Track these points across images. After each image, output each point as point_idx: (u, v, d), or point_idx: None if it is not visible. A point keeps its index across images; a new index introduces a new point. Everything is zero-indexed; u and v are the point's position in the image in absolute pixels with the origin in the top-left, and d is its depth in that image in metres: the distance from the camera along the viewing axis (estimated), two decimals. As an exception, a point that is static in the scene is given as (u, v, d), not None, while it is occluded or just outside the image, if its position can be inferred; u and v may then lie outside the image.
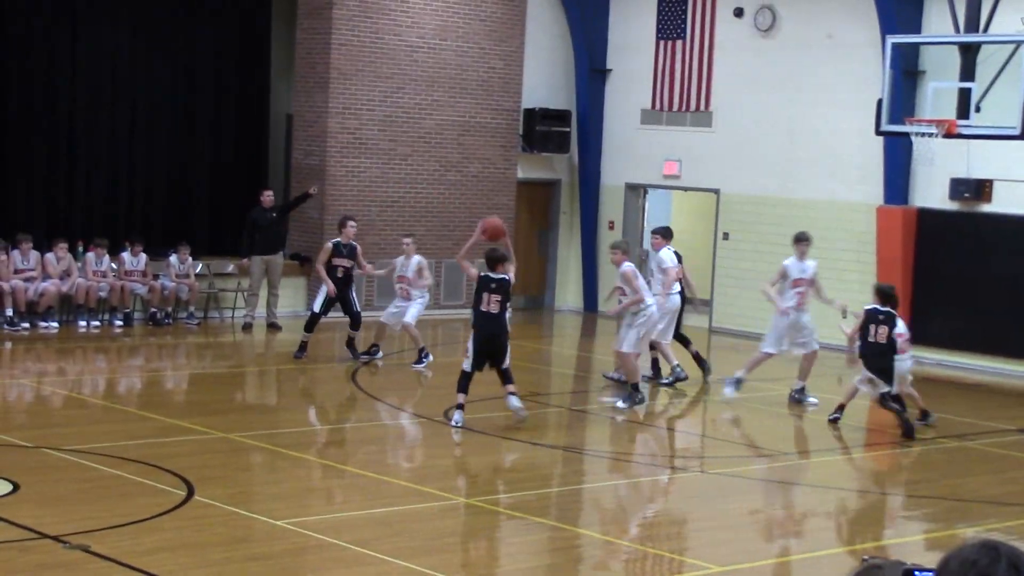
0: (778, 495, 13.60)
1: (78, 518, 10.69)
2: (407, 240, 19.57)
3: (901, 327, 16.07)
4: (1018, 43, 17.03)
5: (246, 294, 22.67)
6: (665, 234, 18.82)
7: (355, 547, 10.33)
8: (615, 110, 26.31)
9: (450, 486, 12.64)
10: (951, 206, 21.82)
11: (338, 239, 19.53)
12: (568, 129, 26.28)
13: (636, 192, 26.55)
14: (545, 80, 26.26)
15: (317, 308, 19.42)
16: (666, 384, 18.51)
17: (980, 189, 21.35)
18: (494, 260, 15.14)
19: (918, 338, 21.37)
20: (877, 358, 15.72)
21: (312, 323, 19.57)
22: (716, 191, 24.94)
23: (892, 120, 18.35)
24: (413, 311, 19.13)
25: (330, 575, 9.90)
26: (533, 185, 26.50)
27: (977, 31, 18.67)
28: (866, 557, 2.88)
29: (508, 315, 15.20)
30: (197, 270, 22.69)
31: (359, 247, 19.78)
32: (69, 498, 11.44)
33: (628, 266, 16.51)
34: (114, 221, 23.19)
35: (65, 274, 21.32)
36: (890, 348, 15.67)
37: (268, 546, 10.39)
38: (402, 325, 19.13)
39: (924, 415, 16.53)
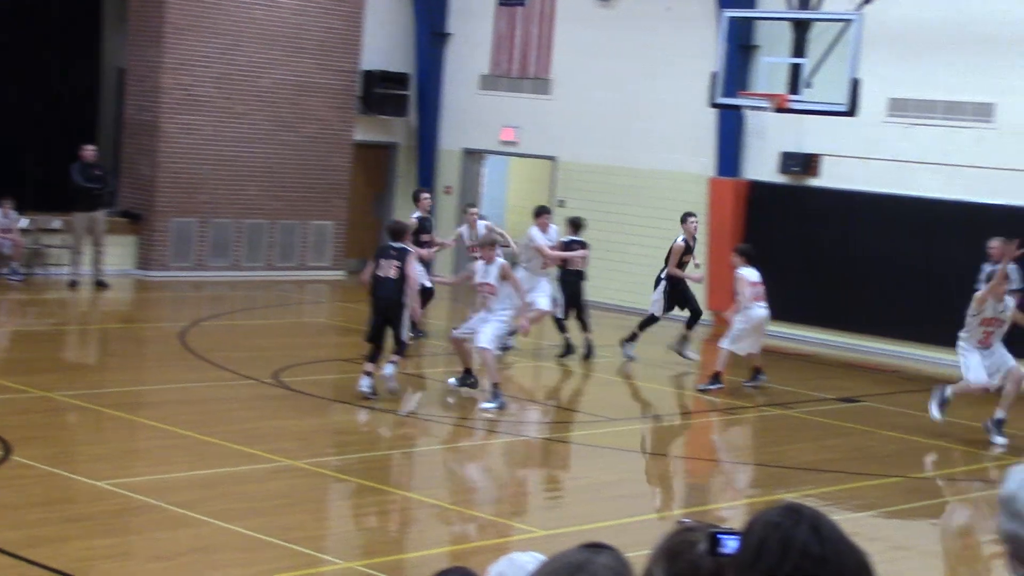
0: (606, 461, 13.75)
1: None
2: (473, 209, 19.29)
3: (756, 276, 16.76)
4: (848, 21, 17.40)
5: (70, 251, 22.13)
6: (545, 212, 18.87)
7: (179, 509, 10.19)
8: (454, 74, 26.26)
9: (278, 448, 12.53)
10: (780, 179, 22.25)
11: (418, 213, 18.95)
12: (407, 92, 26.15)
13: (474, 157, 26.55)
14: (384, 42, 26.07)
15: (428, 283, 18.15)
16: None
17: (808, 163, 21.82)
18: (396, 231, 15.50)
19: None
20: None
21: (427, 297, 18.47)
22: (553, 158, 25.07)
23: (726, 93, 18.63)
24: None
25: (152, 537, 9.74)
26: (370, 147, 26.32)
27: (809, 8, 19.04)
28: (681, 520, 2.92)
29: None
30: (23, 225, 22.07)
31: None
32: None
33: (503, 262, 15.57)
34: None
35: None
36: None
37: (88, 507, 10.19)
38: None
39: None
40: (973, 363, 14.84)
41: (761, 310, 16.93)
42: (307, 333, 20.25)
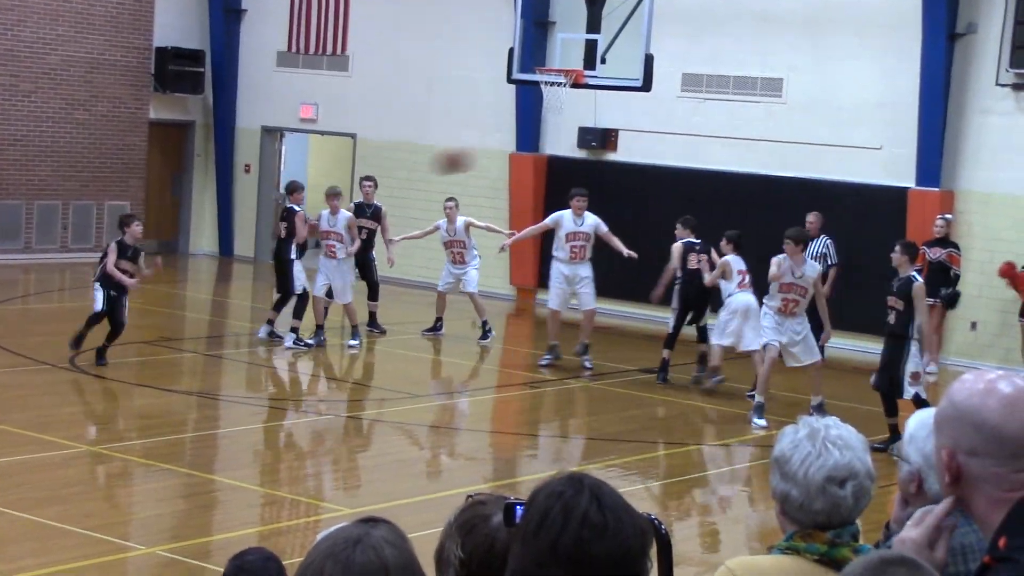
0: (413, 437, 13.81)
1: None
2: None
3: (742, 264, 16.09)
4: (641, -2, 17.66)
5: None
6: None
7: (-29, 500, 9.92)
8: (250, 51, 25.90)
9: (75, 434, 12.27)
10: (579, 154, 22.54)
11: (360, 200, 18.63)
12: (202, 69, 25.71)
13: (272, 135, 26.27)
14: (177, 18, 25.55)
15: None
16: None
17: (606, 138, 22.14)
18: (286, 190, 17.69)
19: (546, 283, 22.06)
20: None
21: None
22: (353, 136, 24.95)
23: (523, 69, 18.75)
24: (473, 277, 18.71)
25: (-56, 530, 9.47)
26: (166, 126, 25.83)
27: (603, -16, 19.23)
28: (471, 494, 2.97)
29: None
30: None
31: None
32: None
33: (349, 214, 17.55)
34: None
35: None
36: None
37: None
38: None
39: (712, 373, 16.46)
40: (767, 324, 14.70)
41: (746, 296, 15.92)
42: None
